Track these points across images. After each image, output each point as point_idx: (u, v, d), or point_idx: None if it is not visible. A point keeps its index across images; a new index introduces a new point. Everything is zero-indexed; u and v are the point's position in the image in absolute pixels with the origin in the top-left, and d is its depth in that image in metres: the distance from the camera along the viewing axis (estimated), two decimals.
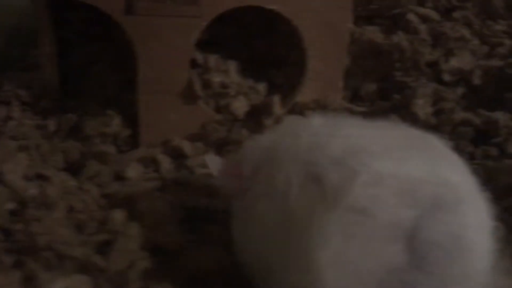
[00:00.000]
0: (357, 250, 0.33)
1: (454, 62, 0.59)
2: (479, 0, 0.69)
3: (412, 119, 0.56)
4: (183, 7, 0.54)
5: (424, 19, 0.69)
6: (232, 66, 0.62)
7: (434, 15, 0.69)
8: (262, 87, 0.63)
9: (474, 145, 0.53)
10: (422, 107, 0.56)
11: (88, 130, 0.59)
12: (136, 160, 0.56)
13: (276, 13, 0.57)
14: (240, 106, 0.61)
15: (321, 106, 0.60)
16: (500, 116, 0.53)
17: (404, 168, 0.35)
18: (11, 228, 0.44)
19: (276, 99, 0.60)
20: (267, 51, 0.65)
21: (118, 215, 0.45)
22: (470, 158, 0.52)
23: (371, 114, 0.60)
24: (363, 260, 0.33)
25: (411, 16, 0.68)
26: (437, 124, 0.54)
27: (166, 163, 0.57)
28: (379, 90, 0.63)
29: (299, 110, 0.61)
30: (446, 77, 0.59)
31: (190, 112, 0.59)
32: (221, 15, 0.57)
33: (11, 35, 0.73)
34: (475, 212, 0.37)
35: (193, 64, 0.60)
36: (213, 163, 0.45)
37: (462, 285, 0.37)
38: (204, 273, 0.42)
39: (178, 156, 0.58)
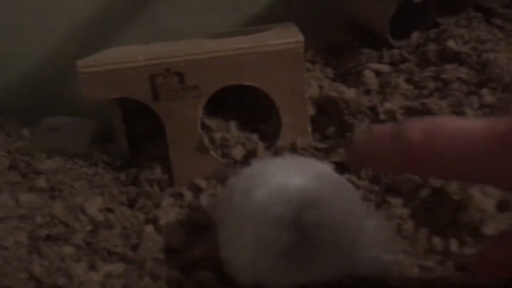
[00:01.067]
0: (263, 230, 0.57)
1: (387, 105, 0.80)
2: (420, 53, 0.89)
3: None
4: (189, 92, 0.83)
5: (378, 72, 0.90)
6: (232, 124, 0.89)
7: (385, 68, 0.90)
8: (254, 137, 0.89)
9: None
10: None
11: (141, 178, 0.89)
12: (169, 195, 0.85)
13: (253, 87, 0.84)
14: (238, 152, 0.87)
15: (293, 148, 0.84)
16: None
17: (286, 182, 0.59)
18: (88, 240, 0.74)
19: (260, 146, 0.85)
20: (258, 111, 0.91)
21: (148, 228, 0.74)
22: (385, 175, 0.73)
23: (331, 149, 0.83)
24: (268, 235, 0.57)
25: (366, 72, 0.90)
26: None
27: (188, 195, 0.84)
28: (338, 131, 0.85)
29: (279, 152, 0.85)
30: (382, 117, 0.80)
31: (205, 160, 0.87)
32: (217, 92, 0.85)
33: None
34: (334, 208, 0.59)
35: (204, 126, 0.88)
36: (204, 201, 0.73)
37: (340, 254, 0.59)
38: (197, 263, 0.68)
39: (197, 190, 0.85)
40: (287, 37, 0.82)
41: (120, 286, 0.62)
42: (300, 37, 0.81)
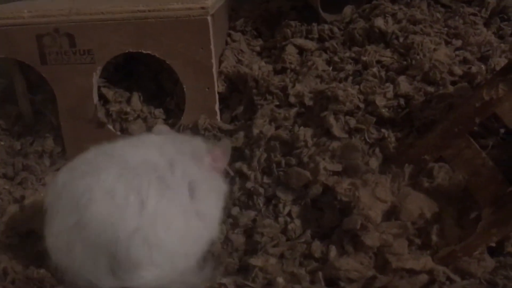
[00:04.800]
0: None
1: (298, 87, 0.71)
2: (347, 31, 0.79)
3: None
4: (80, 56, 0.74)
5: (302, 49, 0.80)
6: (135, 96, 0.80)
7: (310, 45, 0.80)
8: (158, 112, 0.80)
9: (283, 155, 0.65)
10: (261, 125, 0.69)
11: (31, 149, 0.81)
12: (55, 171, 0.77)
13: (153, 56, 0.74)
14: (137, 128, 0.78)
15: (195, 127, 0.75)
16: (302, 132, 0.64)
17: None
18: None
19: (159, 122, 0.77)
20: (168, 83, 0.82)
21: (11, 208, 0.66)
22: (277, 166, 0.64)
23: (236, 130, 0.74)
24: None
25: (289, 48, 0.80)
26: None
27: None
28: (247, 112, 0.76)
29: (181, 130, 0.76)
30: (291, 99, 0.71)
31: (100, 133, 0.78)
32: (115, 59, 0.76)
33: None
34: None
35: (101, 96, 0.79)
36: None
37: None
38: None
39: None
40: (192, 2, 0.72)
41: None
42: (207, 3, 0.72)
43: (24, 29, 0.73)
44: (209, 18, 0.72)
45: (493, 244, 0.53)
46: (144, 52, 0.74)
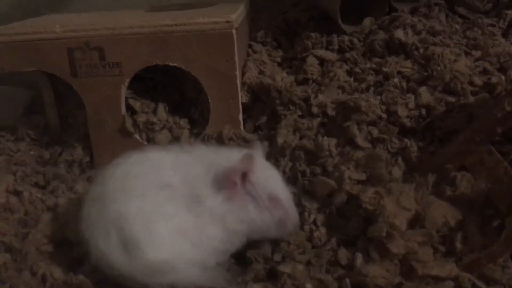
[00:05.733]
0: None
1: (320, 98, 0.73)
2: (368, 42, 0.81)
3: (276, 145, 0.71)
4: (109, 69, 0.77)
5: (322, 60, 0.82)
6: (161, 107, 0.83)
7: (330, 56, 0.82)
8: (183, 122, 0.82)
9: (308, 164, 0.67)
10: (286, 135, 0.71)
11: (60, 158, 0.84)
12: (85, 179, 0.79)
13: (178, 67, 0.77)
14: (163, 138, 0.81)
15: (220, 137, 0.77)
16: (326, 142, 0.66)
17: None
18: None
19: (184, 132, 0.79)
20: (191, 93, 0.85)
21: (46, 216, 0.68)
22: (302, 175, 0.66)
23: (260, 140, 0.76)
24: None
25: (310, 59, 0.82)
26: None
27: None
28: (270, 122, 0.78)
29: (206, 140, 0.79)
30: (314, 110, 0.73)
31: (127, 143, 0.81)
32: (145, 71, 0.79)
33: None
34: None
35: (128, 107, 0.82)
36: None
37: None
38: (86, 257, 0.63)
39: None
40: (217, 16, 0.75)
41: None
42: (231, 17, 0.74)
43: (55, 43, 0.76)
44: (233, 31, 0.74)
45: None
46: (170, 64, 0.77)
